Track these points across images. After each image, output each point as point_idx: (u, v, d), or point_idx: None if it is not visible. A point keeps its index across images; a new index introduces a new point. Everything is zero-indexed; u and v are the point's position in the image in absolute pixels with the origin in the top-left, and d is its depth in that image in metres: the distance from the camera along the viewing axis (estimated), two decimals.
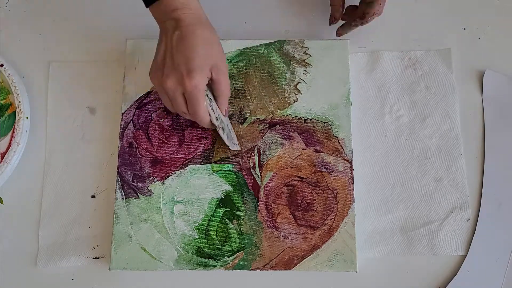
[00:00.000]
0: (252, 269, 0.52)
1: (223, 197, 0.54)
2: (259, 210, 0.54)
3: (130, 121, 0.56)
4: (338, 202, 0.54)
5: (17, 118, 0.57)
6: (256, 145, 0.55)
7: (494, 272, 0.53)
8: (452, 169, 0.56)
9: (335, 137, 0.55)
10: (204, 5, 0.65)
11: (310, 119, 0.56)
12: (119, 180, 0.54)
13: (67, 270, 0.55)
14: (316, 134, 0.56)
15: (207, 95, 0.49)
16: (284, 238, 0.53)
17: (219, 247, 0.53)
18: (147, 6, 0.49)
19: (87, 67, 0.60)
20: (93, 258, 0.55)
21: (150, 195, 0.54)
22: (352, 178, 0.54)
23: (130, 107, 0.57)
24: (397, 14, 0.62)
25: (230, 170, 0.55)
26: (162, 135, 0.56)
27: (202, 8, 0.50)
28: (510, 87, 0.59)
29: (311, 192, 0.54)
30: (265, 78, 0.58)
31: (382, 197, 0.56)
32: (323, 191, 0.54)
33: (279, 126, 0.56)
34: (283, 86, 0.57)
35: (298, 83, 0.57)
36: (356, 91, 0.59)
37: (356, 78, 0.59)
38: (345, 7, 0.58)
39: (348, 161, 0.55)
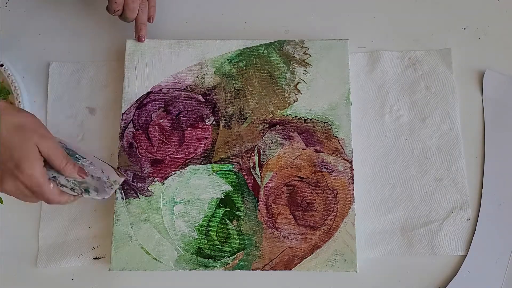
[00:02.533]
0: (252, 269, 0.52)
1: (223, 197, 0.54)
2: (259, 210, 0.54)
3: (130, 121, 0.56)
4: (338, 202, 0.54)
5: None
6: (256, 145, 0.55)
7: (494, 272, 0.53)
8: (452, 169, 0.56)
9: (335, 137, 0.55)
10: (204, 5, 0.65)
11: (310, 119, 0.56)
12: None
13: (67, 270, 0.55)
14: (316, 134, 0.56)
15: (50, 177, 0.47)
16: (284, 238, 0.53)
17: (219, 247, 0.53)
18: None
19: (87, 67, 0.60)
20: (93, 259, 0.55)
21: (150, 195, 0.54)
22: (352, 178, 0.54)
23: (130, 107, 0.57)
24: (397, 14, 0.62)
25: (230, 170, 0.55)
26: (162, 135, 0.56)
27: None
28: (510, 87, 0.59)
29: (311, 192, 0.54)
30: (265, 78, 0.57)
31: (382, 197, 0.56)
32: (323, 191, 0.54)
33: (279, 126, 0.56)
34: (283, 86, 0.57)
35: (298, 83, 0.57)
36: (356, 91, 0.59)
37: (356, 78, 0.59)
38: None
39: (348, 161, 0.55)
